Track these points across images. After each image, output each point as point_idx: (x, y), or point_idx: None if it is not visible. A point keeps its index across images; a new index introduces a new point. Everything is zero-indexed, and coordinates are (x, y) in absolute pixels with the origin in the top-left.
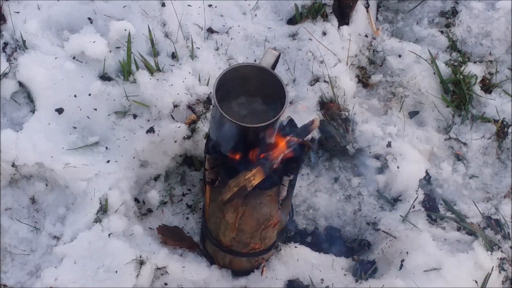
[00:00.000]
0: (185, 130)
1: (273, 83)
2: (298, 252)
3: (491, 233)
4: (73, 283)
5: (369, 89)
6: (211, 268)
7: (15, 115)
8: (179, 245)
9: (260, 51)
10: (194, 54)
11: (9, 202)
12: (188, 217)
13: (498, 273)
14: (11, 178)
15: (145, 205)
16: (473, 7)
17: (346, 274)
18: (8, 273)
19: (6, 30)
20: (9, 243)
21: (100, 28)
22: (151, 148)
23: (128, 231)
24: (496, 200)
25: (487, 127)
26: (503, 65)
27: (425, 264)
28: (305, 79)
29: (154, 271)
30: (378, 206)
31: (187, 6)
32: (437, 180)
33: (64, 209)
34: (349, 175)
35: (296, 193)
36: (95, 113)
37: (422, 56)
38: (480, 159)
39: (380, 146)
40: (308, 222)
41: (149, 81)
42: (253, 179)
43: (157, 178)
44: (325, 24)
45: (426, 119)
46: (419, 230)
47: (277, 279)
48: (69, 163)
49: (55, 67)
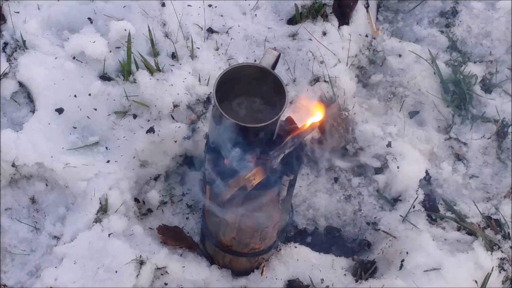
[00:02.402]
0: (185, 130)
1: (273, 83)
2: (298, 252)
3: (491, 233)
4: (73, 283)
5: (369, 89)
6: (211, 268)
7: (15, 115)
8: (179, 245)
9: (260, 51)
10: (194, 54)
11: (9, 202)
12: (188, 217)
13: (498, 273)
14: (11, 178)
15: (145, 205)
16: (473, 7)
17: (346, 274)
18: (8, 273)
19: (6, 30)
20: (9, 243)
21: (100, 28)
22: (151, 148)
23: (128, 231)
24: (496, 200)
25: (487, 127)
26: (503, 65)
27: (425, 264)
28: (305, 79)
29: (154, 271)
30: (378, 206)
31: (187, 6)
32: (437, 180)
33: (64, 209)
34: (349, 175)
35: (296, 193)
36: (95, 113)
37: (422, 56)
38: (480, 159)
39: (380, 146)
40: (308, 222)
41: (149, 81)
42: (253, 179)
43: (157, 178)
44: (325, 24)
45: (426, 119)
46: (419, 230)
47: (277, 279)
48: (69, 163)
49: (55, 67)
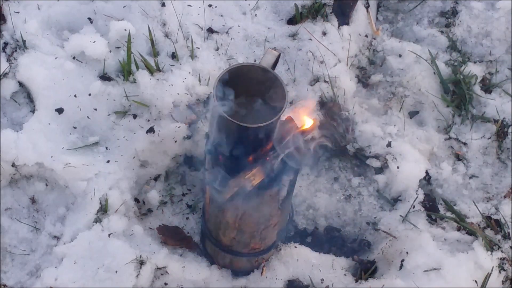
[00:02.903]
0: (185, 130)
1: (273, 83)
2: (298, 252)
3: (491, 233)
4: (73, 283)
5: (369, 89)
6: (211, 268)
7: (15, 115)
8: (179, 245)
9: (260, 51)
10: (194, 54)
11: (9, 202)
12: (188, 217)
13: (498, 273)
14: (11, 178)
15: (145, 205)
16: (473, 7)
17: (346, 274)
18: (8, 273)
19: (6, 30)
20: (9, 243)
21: (100, 28)
22: (151, 148)
23: (128, 231)
24: (496, 200)
25: (487, 127)
26: (503, 65)
27: (425, 264)
28: (305, 79)
29: (154, 271)
30: (378, 206)
31: (187, 6)
32: (437, 180)
33: (64, 209)
34: (349, 175)
35: (296, 193)
36: (95, 113)
37: (422, 56)
38: (480, 159)
39: (380, 146)
40: (308, 222)
41: (149, 81)
42: (253, 179)
43: (157, 178)
44: (325, 24)
45: (426, 119)
46: (419, 230)
47: (277, 279)
48: (69, 163)
49: (55, 67)
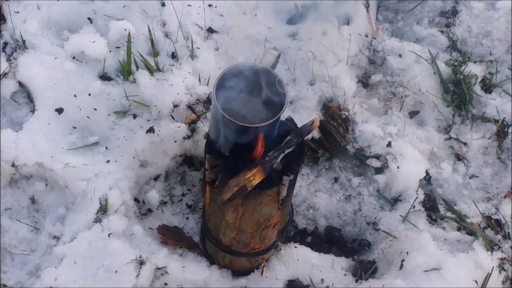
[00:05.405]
0: (185, 130)
1: (273, 83)
2: (298, 252)
3: (491, 233)
4: (73, 283)
5: (369, 89)
6: (211, 268)
7: (15, 115)
8: (179, 245)
9: (260, 51)
10: (194, 54)
11: (9, 202)
12: (188, 217)
13: (498, 273)
14: (11, 178)
15: (145, 205)
16: (473, 7)
17: (346, 274)
18: (8, 273)
19: (6, 30)
20: (9, 243)
21: (100, 28)
22: (151, 148)
23: (128, 231)
24: (496, 200)
25: (487, 127)
26: (503, 65)
27: (425, 264)
28: (305, 79)
29: (154, 271)
30: (378, 206)
31: (187, 6)
32: (437, 180)
33: (64, 209)
34: (349, 175)
35: (296, 193)
36: (95, 113)
37: (422, 56)
38: (480, 159)
39: (380, 146)
40: (308, 222)
41: (149, 81)
42: (253, 179)
43: (157, 178)
44: (325, 24)
45: (426, 119)
46: (419, 230)
47: (277, 279)
48: (69, 163)
49: (55, 67)
